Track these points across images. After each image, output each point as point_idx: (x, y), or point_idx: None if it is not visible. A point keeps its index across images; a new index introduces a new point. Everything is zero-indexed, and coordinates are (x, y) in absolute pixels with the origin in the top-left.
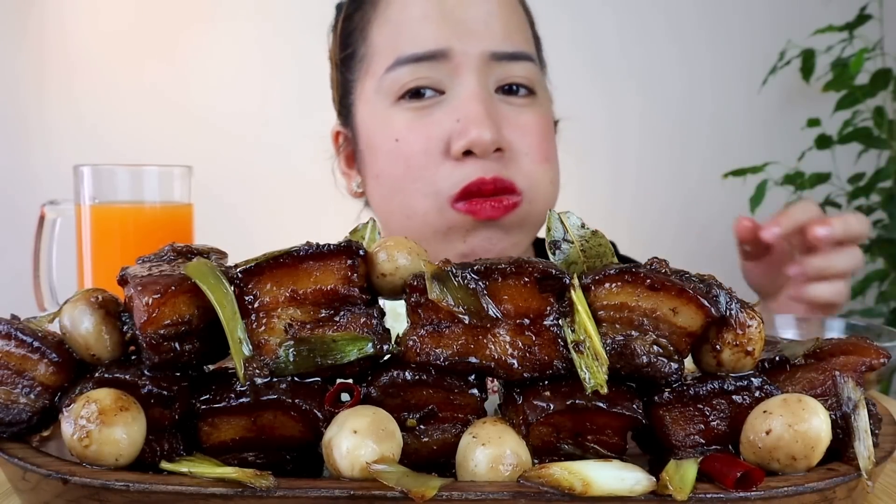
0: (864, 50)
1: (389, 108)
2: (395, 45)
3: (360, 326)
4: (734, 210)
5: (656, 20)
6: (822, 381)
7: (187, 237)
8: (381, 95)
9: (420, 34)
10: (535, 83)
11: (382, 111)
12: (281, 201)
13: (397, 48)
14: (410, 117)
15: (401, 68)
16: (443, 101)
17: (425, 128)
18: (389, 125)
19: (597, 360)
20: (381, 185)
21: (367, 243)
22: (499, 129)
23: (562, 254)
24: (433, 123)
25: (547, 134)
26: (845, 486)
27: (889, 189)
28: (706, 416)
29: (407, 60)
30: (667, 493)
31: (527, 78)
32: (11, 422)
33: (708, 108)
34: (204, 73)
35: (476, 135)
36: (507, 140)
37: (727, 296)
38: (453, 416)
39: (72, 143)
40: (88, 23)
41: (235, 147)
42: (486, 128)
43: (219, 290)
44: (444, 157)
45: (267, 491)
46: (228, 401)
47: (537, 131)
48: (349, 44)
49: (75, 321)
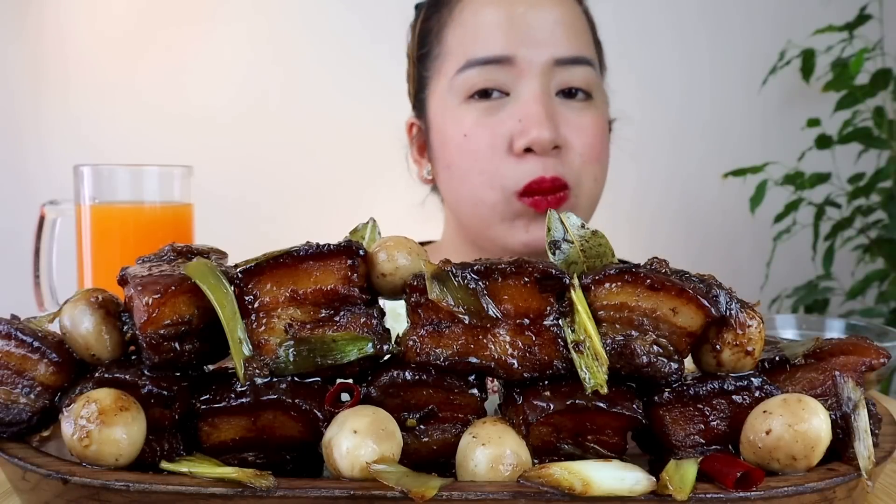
0: (864, 50)
1: (459, 106)
2: (467, 49)
3: (360, 326)
4: (734, 210)
5: (656, 20)
6: (822, 381)
7: (187, 237)
8: (453, 93)
9: (490, 39)
10: (592, 87)
11: (453, 108)
12: (281, 201)
13: (468, 51)
14: (478, 115)
15: (471, 70)
16: (508, 101)
17: (491, 126)
18: (459, 121)
19: (597, 360)
20: (452, 176)
21: (367, 243)
22: (557, 129)
23: (562, 254)
24: (498, 122)
25: (600, 135)
26: (845, 486)
27: (889, 189)
28: (706, 416)
29: (476, 63)
30: (667, 493)
31: (585, 82)
32: (11, 422)
33: (708, 108)
34: (202, 74)
35: (536, 134)
36: (564, 138)
37: (727, 296)
38: (453, 416)
39: (71, 143)
40: (86, 24)
41: (235, 147)
42: (545, 128)
43: (219, 290)
44: (507, 153)
45: (267, 491)
46: (228, 401)
47: (592, 132)
48: (426, 43)
49: (75, 321)
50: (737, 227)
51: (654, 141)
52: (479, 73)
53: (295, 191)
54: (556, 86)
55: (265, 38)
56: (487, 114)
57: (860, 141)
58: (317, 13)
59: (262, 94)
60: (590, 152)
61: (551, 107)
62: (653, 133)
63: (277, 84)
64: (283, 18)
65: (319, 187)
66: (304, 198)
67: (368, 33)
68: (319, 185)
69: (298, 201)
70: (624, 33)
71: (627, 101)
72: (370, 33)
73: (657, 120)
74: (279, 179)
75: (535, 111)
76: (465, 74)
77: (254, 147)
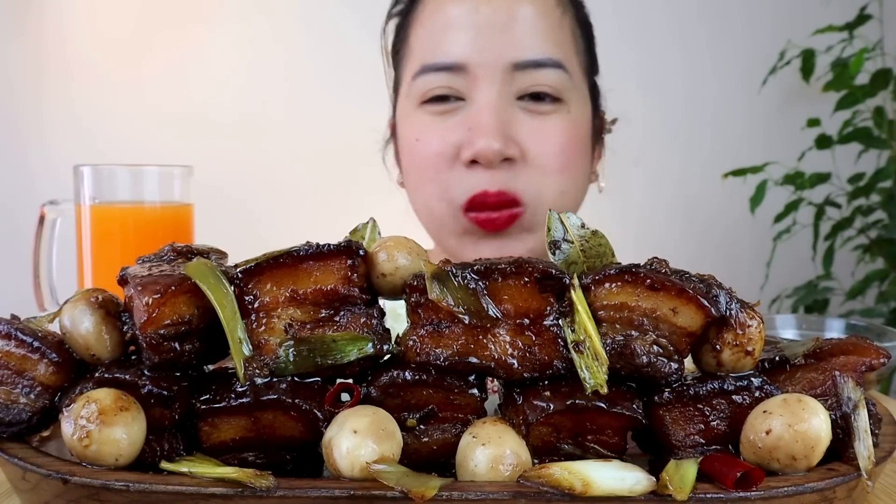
0: (864, 50)
1: (416, 109)
2: (425, 52)
3: (360, 326)
4: (734, 210)
5: (657, 20)
6: (822, 381)
7: (187, 237)
8: (410, 97)
9: (445, 43)
10: (562, 91)
11: (411, 111)
12: (281, 201)
13: (425, 55)
14: (430, 120)
15: (426, 76)
16: (461, 107)
17: (441, 132)
18: (413, 124)
19: (597, 360)
20: (409, 182)
21: (367, 243)
22: (509, 140)
23: (562, 254)
24: (449, 129)
25: (570, 143)
26: (845, 486)
27: (889, 189)
28: (706, 416)
29: (431, 69)
30: (667, 493)
31: (552, 86)
32: (11, 422)
33: (708, 107)
34: (202, 74)
35: (482, 145)
36: (523, 149)
37: (727, 296)
38: (453, 416)
39: (71, 143)
40: (86, 24)
41: (236, 147)
42: (493, 139)
43: (219, 290)
44: (454, 161)
45: (267, 491)
46: (228, 401)
47: (558, 140)
48: (396, 42)
49: (75, 321)
50: (737, 227)
51: (654, 141)
52: (433, 79)
53: (295, 191)
54: (518, 91)
55: (266, 38)
56: (440, 119)
57: (860, 141)
58: (318, 13)
59: (262, 93)
60: (552, 163)
61: (506, 114)
62: (653, 133)
63: (278, 84)
64: (284, 18)
65: (319, 187)
66: (304, 198)
67: (370, 34)
68: (319, 184)
69: (298, 201)
70: (624, 33)
71: (627, 101)
72: (372, 34)
73: (657, 120)
74: (279, 179)
75: (484, 120)
76: (421, 79)
77: (254, 147)
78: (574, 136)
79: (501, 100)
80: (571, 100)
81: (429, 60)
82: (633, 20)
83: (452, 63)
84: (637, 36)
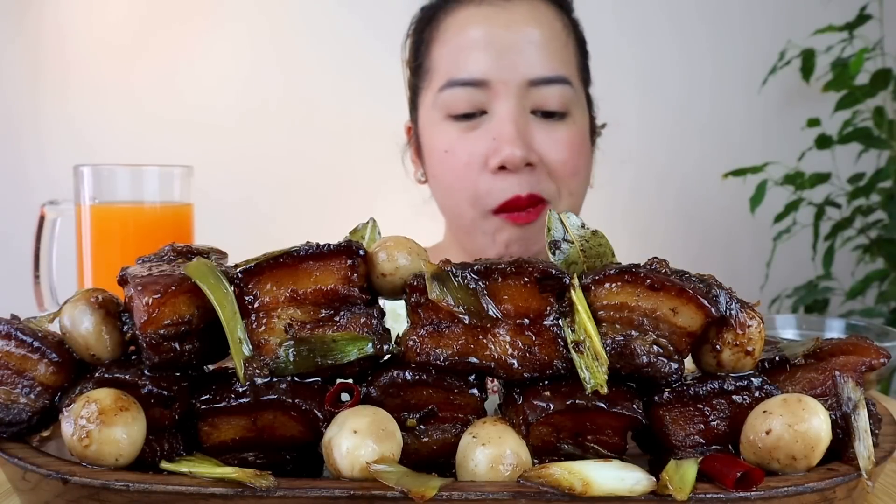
0: (864, 50)
1: (442, 122)
2: (449, 68)
3: (360, 326)
4: (734, 210)
5: (656, 20)
6: (822, 381)
7: (187, 237)
8: (437, 109)
9: (469, 61)
10: (568, 104)
11: (437, 122)
12: (281, 201)
13: (450, 71)
14: (457, 134)
15: (452, 90)
16: (484, 120)
17: (468, 144)
18: (441, 136)
19: (597, 360)
20: (437, 186)
21: (367, 243)
22: (530, 147)
23: (562, 254)
24: (474, 140)
25: (576, 149)
26: (845, 486)
27: (889, 189)
28: (706, 416)
29: (457, 83)
30: (667, 493)
31: (559, 101)
32: (11, 422)
33: (708, 107)
34: (202, 74)
35: (508, 152)
36: (539, 155)
37: (727, 296)
38: (453, 416)
39: (70, 143)
40: (85, 25)
41: (235, 147)
42: (516, 147)
43: (219, 290)
44: (483, 169)
45: (267, 491)
46: (228, 401)
47: (567, 148)
48: (418, 54)
49: (75, 321)
50: (737, 227)
51: (654, 141)
52: (458, 93)
53: (295, 190)
54: (532, 105)
55: (265, 38)
56: (466, 132)
57: (860, 141)
58: (318, 13)
59: (262, 93)
60: (564, 168)
61: (525, 125)
62: (653, 133)
63: (277, 84)
64: (283, 18)
65: (319, 187)
66: (304, 197)
67: (369, 33)
68: (319, 184)
69: (299, 201)
70: (624, 33)
71: (628, 101)
72: (371, 33)
73: (657, 120)
74: (279, 179)
75: (507, 130)
76: (448, 93)
77: (254, 147)
78: (579, 143)
79: (519, 112)
80: (576, 111)
81: (454, 76)
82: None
83: (476, 79)
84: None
